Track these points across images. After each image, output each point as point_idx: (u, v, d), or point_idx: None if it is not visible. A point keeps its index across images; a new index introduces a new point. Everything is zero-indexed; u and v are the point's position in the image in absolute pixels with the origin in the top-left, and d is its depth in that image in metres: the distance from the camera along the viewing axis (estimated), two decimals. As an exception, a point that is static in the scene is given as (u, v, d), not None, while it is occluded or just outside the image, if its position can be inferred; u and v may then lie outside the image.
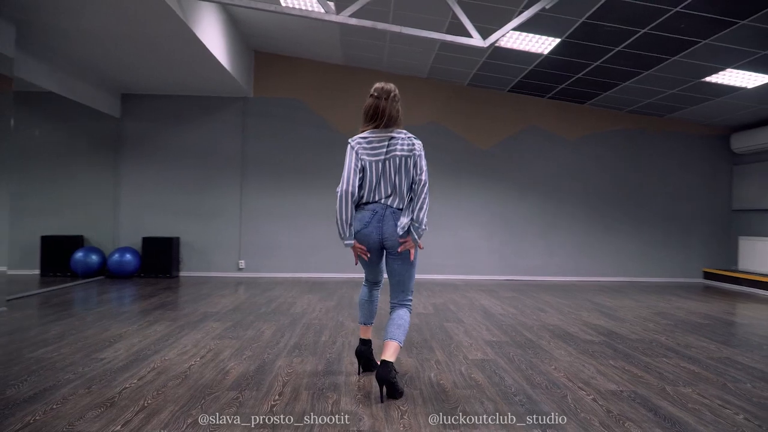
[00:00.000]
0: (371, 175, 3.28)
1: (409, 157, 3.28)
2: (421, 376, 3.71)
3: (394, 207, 3.29)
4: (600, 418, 2.98)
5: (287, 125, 9.45)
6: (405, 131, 3.36)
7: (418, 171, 3.27)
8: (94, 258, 8.59)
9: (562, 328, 5.47)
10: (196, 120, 9.40)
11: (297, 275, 9.35)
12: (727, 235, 10.04)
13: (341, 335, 4.91)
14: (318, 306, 6.45)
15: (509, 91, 9.68)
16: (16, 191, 7.25)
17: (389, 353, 3.18)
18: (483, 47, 6.26)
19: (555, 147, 9.86)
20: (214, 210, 9.36)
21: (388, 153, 3.27)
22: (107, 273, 8.71)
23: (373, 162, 3.27)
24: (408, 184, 3.30)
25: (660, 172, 10.00)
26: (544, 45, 7.31)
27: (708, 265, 9.99)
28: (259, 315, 5.81)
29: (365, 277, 3.68)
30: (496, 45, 7.36)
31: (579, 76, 8.30)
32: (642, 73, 7.79)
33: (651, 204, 9.97)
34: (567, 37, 6.91)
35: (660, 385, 3.59)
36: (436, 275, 9.52)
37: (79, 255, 8.52)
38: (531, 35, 7.06)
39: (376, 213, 3.28)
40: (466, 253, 9.63)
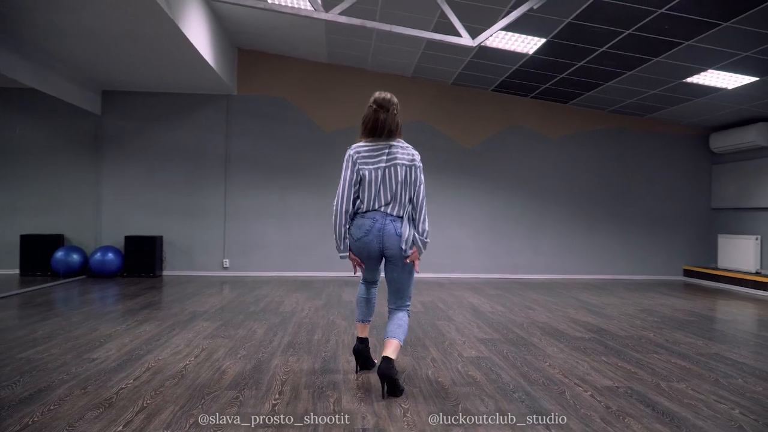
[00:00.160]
0: (371, 184, 3.28)
1: (411, 168, 3.32)
2: (419, 373, 3.72)
3: (393, 215, 3.30)
4: (600, 414, 3.02)
5: (271, 123, 9.37)
6: (403, 141, 3.38)
7: (417, 184, 3.33)
8: (75, 257, 8.45)
9: (551, 325, 5.52)
10: (178, 118, 9.29)
11: (282, 274, 9.30)
12: (707, 234, 10.22)
13: (334, 334, 4.90)
14: (307, 305, 6.43)
15: (493, 91, 9.74)
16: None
17: (390, 350, 3.19)
18: (472, 46, 6.29)
19: (539, 146, 9.94)
20: (197, 208, 9.26)
21: (389, 161, 3.29)
22: (89, 272, 8.56)
23: (372, 170, 3.28)
24: (408, 194, 3.32)
25: (643, 171, 10.13)
26: (529, 45, 7.36)
27: (688, 263, 10.15)
28: (249, 314, 5.77)
29: (363, 277, 3.67)
30: (482, 44, 7.40)
31: (563, 76, 8.38)
32: (625, 74, 7.89)
33: (634, 202, 10.10)
34: (553, 38, 6.97)
35: (654, 381, 3.64)
36: (422, 273, 9.53)
37: (60, 254, 8.37)
38: (517, 35, 7.09)
39: (375, 221, 3.28)
40: (452, 251, 9.66)
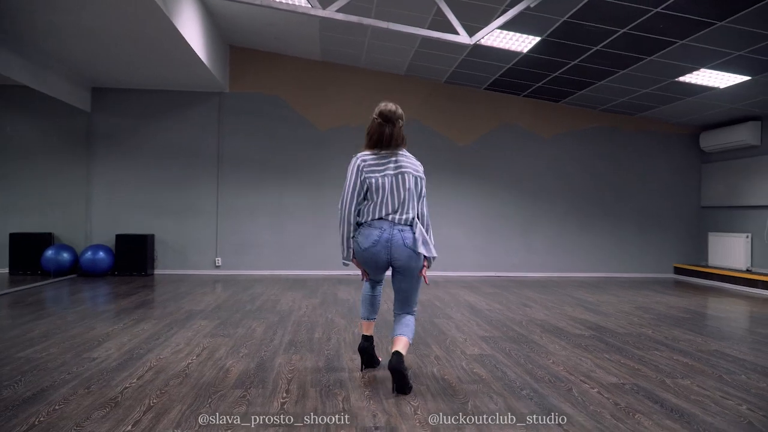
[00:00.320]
0: (379, 191, 3.27)
1: (418, 178, 3.35)
2: (424, 371, 3.70)
3: (402, 224, 3.28)
4: (609, 410, 3.02)
5: (264, 121, 9.31)
6: (407, 152, 3.40)
7: (422, 197, 3.39)
8: (65, 256, 8.34)
9: (550, 322, 5.53)
10: (169, 115, 9.20)
11: (275, 272, 9.24)
12: (697, 232, 10.30)
13: (334, 332, 4.87)
14: (303, 303, 6.39)
15: (485, 89, 9.74)
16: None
17: (400, 346, 3.20)
18: (469, 44, 6.29)
19: (532, 145, 9.96)
20: (189, 207, 9.18)
21: (396, 169, 3.29)
22: (80, 271, 8.46)
23: (380, 177, 3.27)
24: (414, 202, 3.33)
25: (633, 169, 10.20)
26: (524, 43, 7.36)
27: (678, 261, 10.23)
28: (246, 313, 5.73)
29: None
30: (476, 43, 7.40)
31: (556, 74, 8.40)
32: (618, 72, 7.92)
33: (625, 201, 10.16)
34: (547, 36, 6.98)
35: (659, 378, 3.65)
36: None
37: (50, 253, 8.26)
38: (512, 33, 7.09)
39: (384, 231, 3.25)
40: (446, 250, 9.60)
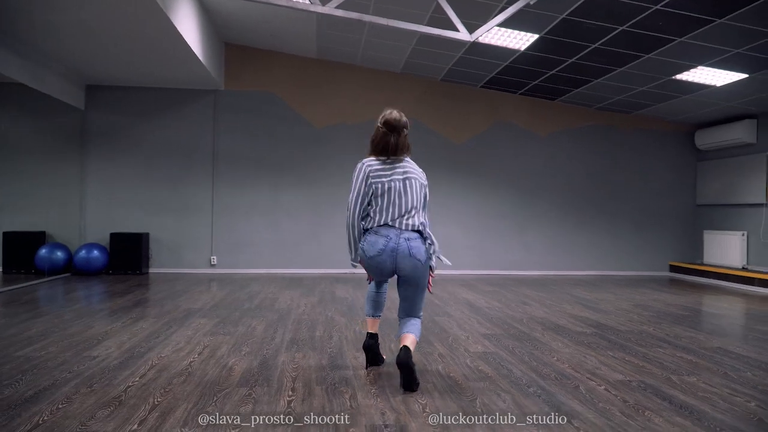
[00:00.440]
0: (385, 195, 3.27)
1: (423, 185, 3.40)
2: (429, 369, 3.67)
3: (408, 230, 3.26)
4: (618, 407, 3.00)
5: (260, 119, 9.25)
6: (410, 159, 3.42)
7: (426, 206, 3.42)
8: (59, 254, 8.25)
9: (550, 320, 5.51)
10: (164, 113, 9.12)
11: (271, 271, 9.19)
12: (692, 230, 10.33)
13: (335, 330, 4.84)
14: (302, 301, 6.35)
15: (482, 87, 9.72)
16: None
17: (408, 342, 3.21)
18: (468, 41, 6.27)
19: (529, 143, 9.95)
20: (184, 205, 9.11)
21: (403, 174, 3.31)
22: (74, 270, 8.37)
23: (387, 182, 3.27)
24: (421, 207, 3.35)
25: (629, 167, 10.21)
26: (522, 41, 7.34)
27: (674, 259, 10.26)
28: (245, 311, 5.68)
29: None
30: (474, 40, 7.38)
31: (553, 72, 8.40)
32: (615, 70, 7.92)
33: (621, 199, 10.17)
34: (546, 33, 6.97)
35: (665, 375, 3.64)
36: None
37: (44, 251, 8.17)
38: (510, 30, 7.07)
39: (389, 240, 3.23)
40: (442, 249, 9.54)
